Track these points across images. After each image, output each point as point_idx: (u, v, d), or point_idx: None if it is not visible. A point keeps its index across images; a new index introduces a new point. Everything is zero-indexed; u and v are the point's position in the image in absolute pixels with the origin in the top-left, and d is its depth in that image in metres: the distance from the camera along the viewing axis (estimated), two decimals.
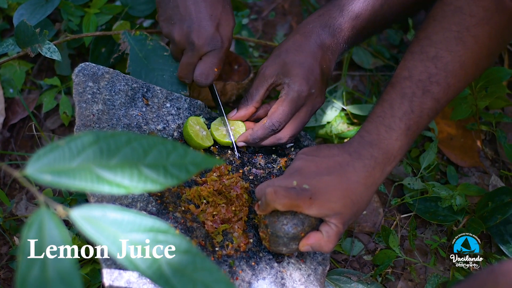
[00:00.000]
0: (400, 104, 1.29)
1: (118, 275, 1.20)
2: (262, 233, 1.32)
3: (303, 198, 1.23)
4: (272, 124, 1.43)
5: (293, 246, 1.30)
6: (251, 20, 2.07)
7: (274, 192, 1.24)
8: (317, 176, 1.27)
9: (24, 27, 1.47)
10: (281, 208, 1.24)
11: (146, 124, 1.43)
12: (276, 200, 1.23)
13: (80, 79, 1.43)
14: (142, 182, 0.79)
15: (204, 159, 0.83)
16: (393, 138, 1.28)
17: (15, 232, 1.53)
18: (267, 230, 1.30)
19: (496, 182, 1.67)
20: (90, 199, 1.29)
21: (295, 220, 1.27)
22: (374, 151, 1.28)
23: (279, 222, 1.27)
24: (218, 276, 0.79)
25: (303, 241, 1.28)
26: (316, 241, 1.27)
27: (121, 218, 0.78)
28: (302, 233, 1.28)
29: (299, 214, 1.27)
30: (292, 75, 1.43)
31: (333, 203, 1.25)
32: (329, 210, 1.25)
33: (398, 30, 2.01)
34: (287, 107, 1.42)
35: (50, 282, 0.73)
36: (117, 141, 0.81)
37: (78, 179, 0.78)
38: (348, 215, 1.27)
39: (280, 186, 1.25)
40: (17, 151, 1.72)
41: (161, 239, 0.78)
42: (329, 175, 1.27)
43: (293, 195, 1.23)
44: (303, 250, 1.29)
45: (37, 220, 0.75)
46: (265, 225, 1.30)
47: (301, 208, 1.24)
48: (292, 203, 1.23)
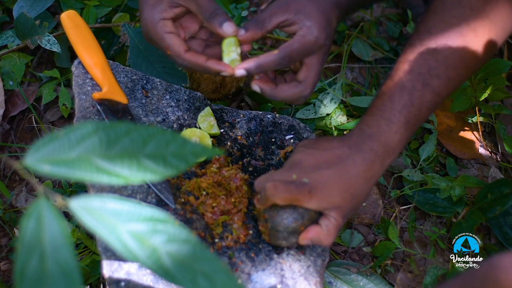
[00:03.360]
0: (399, 97, 1.29)
1: (118, 266, 1.20)
2: (261, 227, 1.33)
3: (303, 192, 1.24)
4: (282, 57, 1.30)
5: (293, 240, 1.30)
6: (250, 12, 2.07)
7: (274, 187, 1.24)
8: (316, 169, 1.27)
9: (24, 19, 1.47)
10: (281, 202, 1.25)
11: (146, 116, 1.43)
12: (276, 195, 1.23)
13: (80, 71, 1.43)
14: (141, 172, 0.79)
15: (203, 149, 0.83)
16: (392, 131, 1.28)
17: (15, 224, 1.53)
18: (267, 224, 1.30)
19: (496, 173, 1.67)
20: (90, 191, 1.30)
21: (295, 214, 1.27)
22: (373, 145, 1.28)
23: (279, 216, 1.28)
24: (218, 266, 0.79)
25: (302, 235, 1.28)
26: (316, 235, 1.28)
27: (120, 208, 0.78)
28: (301, 227, 1.28)
29: (298, 208, 1.27)
30: (313, 20, 1.31)
31: (332, 197, 1.25)
32: (328, 203, 1.25)
33: (397, 23, 2.01)
34: (302, 47, 1.31)
35: (48, 273, 0.73)
36: (116, 132, 0.81)
37: (77, 170, 0.78)
38: (347, 209, 1.27)
39: (279, 181, 1.25)
40: (17, 143, 1.72)
41: (160, 228, 0.79)
42: (329, 168, 1.27)
43: (293, 189, 1.23)
44: (303, 243, 1.29)
45: (36, 211, 0.75)
46: (264, 219, 1.30)
47: (300, 201, 1.24)
48: (292, 197, 1.23)
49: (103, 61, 1.43)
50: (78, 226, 1.46)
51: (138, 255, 0.77)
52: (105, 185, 1.29)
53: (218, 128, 1.48)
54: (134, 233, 0.77)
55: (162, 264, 0.78)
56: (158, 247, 0.78)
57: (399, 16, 2.05)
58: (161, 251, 0.78)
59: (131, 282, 1.19)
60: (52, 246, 0.74)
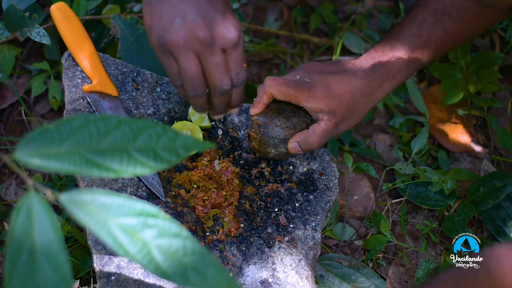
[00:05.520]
0: (409, 26, 1.37)
1: (108, 260, 1.20)
2: (253, 133, 1.37)
3: (302, 89, 1.30)
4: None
5: (282, 149, 1.35)
6: (241, 4, 2.06)
7: (272, 79, 1.30)
8: (320, 73, 1.33)
9: (14, 11, 1.46)
10: (278, 95, 1.31)
11: (136, 109, 1.42)
12: (273, 85, 1.30)
13: (70, 63, 1.42)
14: (131, 165, 0.79)
15: (194, 142, 0.82)
16: (395, 56, 1.35)
17: (5, 217, 1.53)
18: (259, 130, 1.35)
19: (488, 167, 1.67)
20: (80, 184, 1.29)
21: (288, 123, 1.33)
22: (375, 64, 1.35)
23: (273, 123, 1.34)
24: (208, 260, 0.78)
25: (290, 139, 1.34)
26: (302, 136, 1.33)
27: (111, 202, 0.78)
28: None
29: (292, 118, 1.34)
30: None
31: (329, 100, 1.30)
32: (325, 105, 1.30)
33: (389, 15, 2.01)
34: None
35: (39, 267, 0.73)
36: (106, 125, 0.80)
37: (67, 163, 0.78)
38: (340, 116, 1.32)
39: (280, 77, 1.32)
40: (6, 136, 1.71)
41: (150, 223, 0.78)
42: (331, 74, 1.33)
43: (292, 83, 1.30)
44: (291, 148, 1.35)
45: (26, 204, 0.75)
46: (257, 125, 1.35)
47: (298, 99, 1.30)
48: (290, 92, 1.30)
49: (93, 54, 1.42)
50: (69, 219, 1.45)
51: (128, 249, 0.76)
52: (96, 179, 1.29)
53: (209, 121, 1.47)
54: (125, 227, 0.77)
55: (152, 258, 0.77)
56: (148, 241, 0.77)
57: (391, 8, 2.05)
58: (152, 245, 0.78)
59: (122, 275, 1.19)
60: (42, 240, 0.73)
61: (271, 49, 1.95)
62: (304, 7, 2.01)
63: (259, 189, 1.41)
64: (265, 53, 1.95)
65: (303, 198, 1.41)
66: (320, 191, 1.43)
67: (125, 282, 1.19)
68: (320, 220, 1.38)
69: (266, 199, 1.40)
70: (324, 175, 1.45)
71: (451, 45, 1.41)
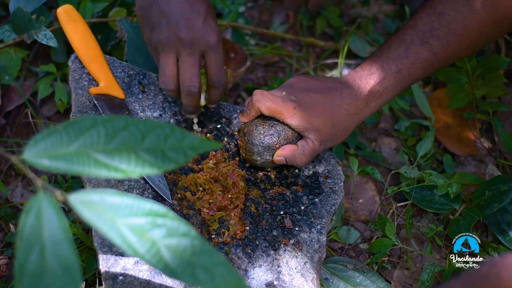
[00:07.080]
0: (396, 47, 1.38)
1: (114, 261, 1.20)
2: (240, 141, 1.41)
3: (288, 106, 1.33)
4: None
5: (267, 157, 1.38)
6: (247, 8, 2.07)
7: (260, 93, 1.34)
8: (305, 91, 1.36)
9: (21, 13, 1.47)
10: (265, 111, 1.34)
11: (143, 111, 1.43)
12: (261, 100, 1.33)
13: (77, 66, 1.43)
14: (139, 166, 0.79)
15: (202, 142, 0.83)
16: (381, 76, 1.37)
17: (11, 219, 1.53)
18: (245, 138, 1.38)
19: (493, 171, 1.67)
20: (86, 186, 1.29)
21: (271, 130, 1.36)
22: (361, 84, 1.37)
23: (257, 130, 1.37)
24: (217, 259, 0.79)
25: (278, 151, 1.37)
26: (290, 152, 1.36)
27: (119, 202, 0.78)
28: (276, 144, 1.36)
29: (276, 126, 1.36)
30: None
31: (314, 118, 1.33)
32: (309, 123, 1.33)
33: (394, 19, 2.01)
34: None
35: (49, 268, 0.73)
36: (114, 126, 0.80)
37: (76, 164, 0.78)
38: (325, 134, 1.35)
39: (268, 92, 1.35)
40: (13, 138, 1.71)
41: (159, 222, 0.78)
42: (316, 93, 1.36)
43: (279, 100, 1.33)
44: (277, 161, 1.37)
45: (35, 205, 0.75)
46: (243, 133, 1.39)
47: (283, 115, 1.33)
48: (276, 108, 1.33)
49: (100, 56, 1.42)
50: (74, 221, 1.45)
51: (137, 249, 0.77)
52: (102, 181, 1.29)
53: None
54: (133, 227, 0.77)
55: (161, 257, 0.78)
56: (157, 240, 0.78)
57: (396, 12, 2.05)
58: (160, 245, 0.78)
59: (128, 276, 1.19)
60: (52, 240, 0.74)
61: (277, 52, 1.95)
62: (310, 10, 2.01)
63: (265, 192, 1.42)
64: (271, 56, 1.95)
65: (308, 201, 1.41)
66: (325, 194, 1.43)
67: (131, 284, 1.19)
68: (325, 223, 1.39)
69: (271, 202, 1.40)
70: (330, 178, 1.45)
71: (437, 66, 1.42)
